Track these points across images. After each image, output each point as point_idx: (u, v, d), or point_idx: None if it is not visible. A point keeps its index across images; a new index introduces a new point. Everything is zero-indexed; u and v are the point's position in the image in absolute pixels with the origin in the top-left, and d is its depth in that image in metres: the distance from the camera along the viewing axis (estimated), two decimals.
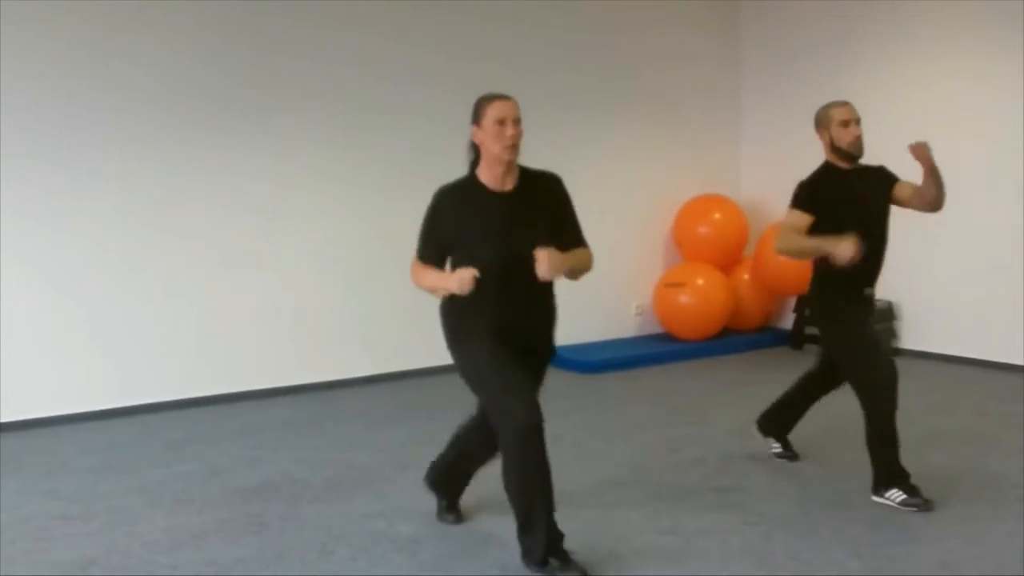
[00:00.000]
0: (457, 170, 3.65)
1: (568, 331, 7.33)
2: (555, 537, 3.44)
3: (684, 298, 7.43)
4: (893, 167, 4.47)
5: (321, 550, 3.75)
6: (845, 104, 4.27)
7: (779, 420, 4.72)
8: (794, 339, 7.58)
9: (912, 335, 7.15)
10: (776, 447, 4.73)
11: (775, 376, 6.57)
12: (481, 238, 3.45)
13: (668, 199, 7.85)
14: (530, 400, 3.40)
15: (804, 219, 4.16)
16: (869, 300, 4.31)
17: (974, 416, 5.51)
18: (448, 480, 4.00)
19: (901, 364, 4.72)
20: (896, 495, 4.06)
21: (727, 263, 7.67)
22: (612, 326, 7.73)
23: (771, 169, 8.02)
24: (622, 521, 3.96)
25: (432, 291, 3.55)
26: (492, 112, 3.43)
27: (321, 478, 4.64)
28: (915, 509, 3.99)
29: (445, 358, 7.48)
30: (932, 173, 4.26)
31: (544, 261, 3.36)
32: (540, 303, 3.62)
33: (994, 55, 6.53)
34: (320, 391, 6.45)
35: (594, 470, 4.66)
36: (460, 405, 6.01)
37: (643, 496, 4.26)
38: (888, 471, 4.12)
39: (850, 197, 4.18)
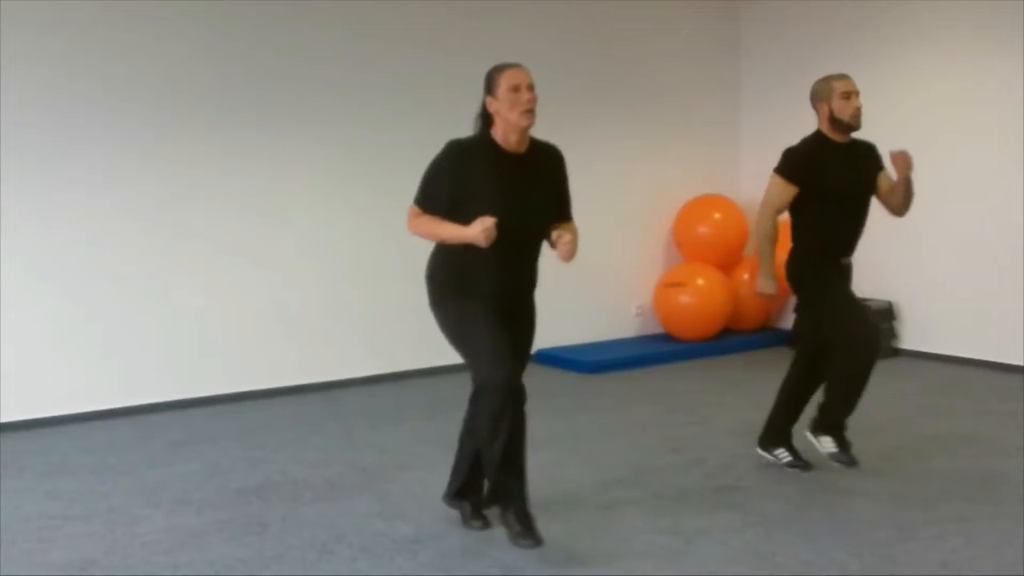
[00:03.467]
0: None
1: (568, 331, 7.45)
2: (523, 512, 3.61)
3: (684, 298, 7.43)
4: (889, 168, 4.46)
5: (321, 550, 3.75)
6: (845, 76, 4.30)
7: (776, 431, 4.62)
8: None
9: (912, 335, 7.14)
10: (785, 456, 4.58)
11: (775, 376, 6.55)
12: (495, 195, 3.43)
13: (668, 199, 7.85)
14: (513, 368, 3.49)
15: (787, 190, 4.20)
16: (846, 267, 4.35)
17: (974, 416, 5.50)
18: (469, 483, 3.89)
19: (901, 364, 4.72)
20: (829, 443, 4.41)
21: (727, 263, 7.67)
22: (612, 326, 7.72)
23: (771, 169, 8.01)
24: (622, 521, 3.96)
25: (437, 239, 3.56)
26: (506, 80, 3.47)
27: (321, 478, 4.64)
28: (800, 469, 4.40)
29: (446, 358, 7.45)
30: (906, 184, 4.28)
31: (570, 246, 3.48)
32: (531, 267, 3.68)
33: (994, 55, 6.53)
34: (320, 391, 6.45)
35: (594, 470, 4.66)
36: (461, 405, 6.02)
37: (643, 496, 4.26)
38: (825, 423, 4.40)
39: (840, 169, 4.20)
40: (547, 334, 7.38)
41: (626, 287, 7.80)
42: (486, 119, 3.55)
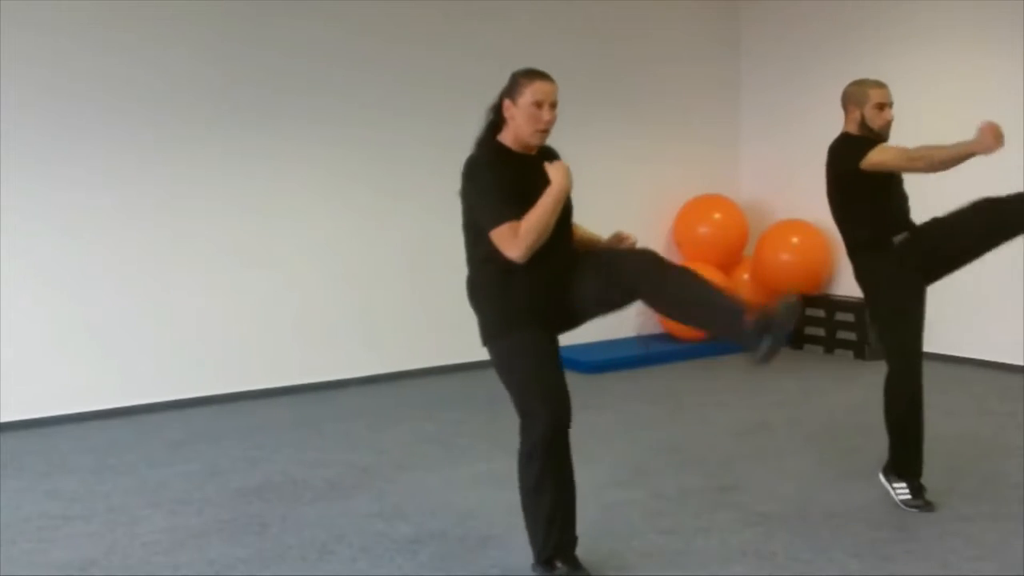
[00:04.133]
0: (455, 168, 3.60)
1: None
2: (570, 540, 3.35)
3: None
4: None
5: (321, 550, 3.75)
6: (883, 86, 4.20)
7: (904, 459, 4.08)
8: (794, 339, 7.58)
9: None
10: (904, 493, 4.05)
11: (775, 376, 6.58)
12: (526, 199, 3.17)
13: (668, 199, 7.85)
14: (565, 404, 3.24)
15: (895, 147, 3.95)
16: (902, 246, 4.08)
17: (974, 416, 5.50)
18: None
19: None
20: (902, 491, 4.01)
21: (727, 263, 7.67)
22: (612, 326, 7.71)
23: (771, 169, 8.03)
24: (622, 521, 3.96)
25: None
26: (531, 93, 3.27)
27: (321, 478, 4.64)
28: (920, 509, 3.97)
29: (446, 357, 7.47)
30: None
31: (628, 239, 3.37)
32: (569, 258, 3.35)
33: (995, 55, 6.53)
34: (320, 391, 6.45)
35: (594, 470, 4.66)
36: (460, 405, 6.03)
37: (643, 496, 4.26)
38: (904, 462, 4.02)
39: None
40: None
41: None
42: (497, 117, 3.35)
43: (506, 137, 3.34)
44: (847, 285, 7.48)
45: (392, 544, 3.79)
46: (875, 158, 3.95)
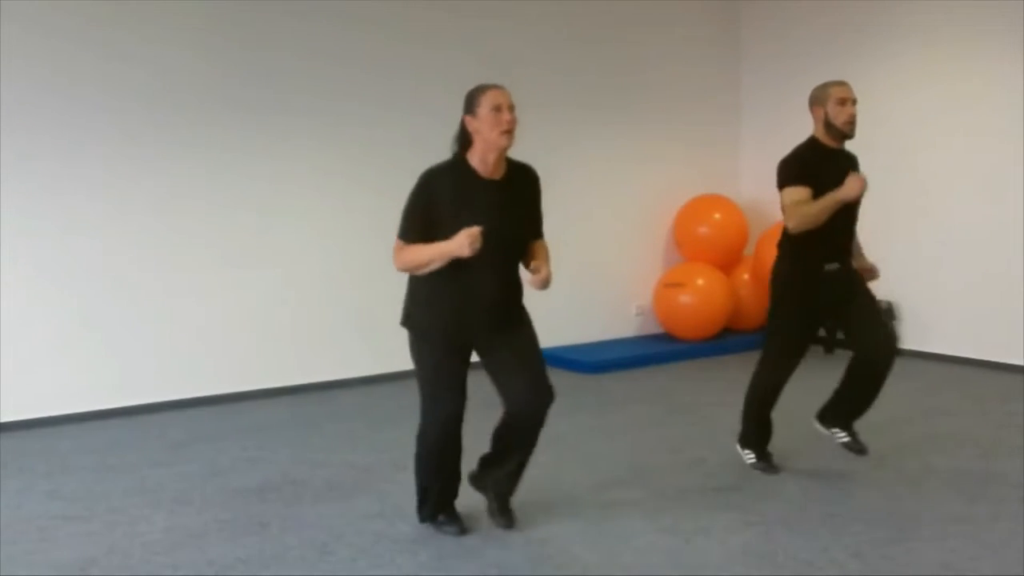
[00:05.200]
0: None
1: (568, 331, 7.46)
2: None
3: (684, 298, 7.43)
4: (890, 168, 4.46)
5: (321, 550, 3.75)
6: (843, 83, 4.30)
7: (839, 412, 4.51)
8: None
9: (912, 335, 7.14)
10: (842, 436, 4.48)
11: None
12: (470, 220, 3.43)
13: (668, 199, 7.86)
14: (459, 402, 3.70)
15: (804, 192, 4.15)
16: (829, 274, 4.27)
17: (974, 416, 5.50)
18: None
19: (901, 364, 4.72)
20: (749, 456, 4.56)
21: (727, 263, 7.67)
22: (612, 326, 7.73)
23: (771, 169, 7.93)
24: (622, 521, 3.96)
25: (427, 264, 3.50)
26: (488, 100, 3.48)
27: (321, 478, 4.64)
28: (762, 472, 4.48)
29: None
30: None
31: (543, 279, 3.58)
32: (514, 284, 3.73)
33: (994, 55, 6.54)
34: (320, 391, 6.45)
35: (594, 470, 4.66)
36: None
37: (643, 496, 4.26)
38: (747, 433, 4.57)
39: (834, 174, 4.17)
40: (547, 334, 7.40)
41: (626, 287, 7.80)
42: (464, 140, 3.57)
43: (474, 155, 3.56)
44: None
45: (392, 544, 3.79)
46: (782, 198, 4.24)
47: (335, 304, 6.59)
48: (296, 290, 6.46)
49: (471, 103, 3.53)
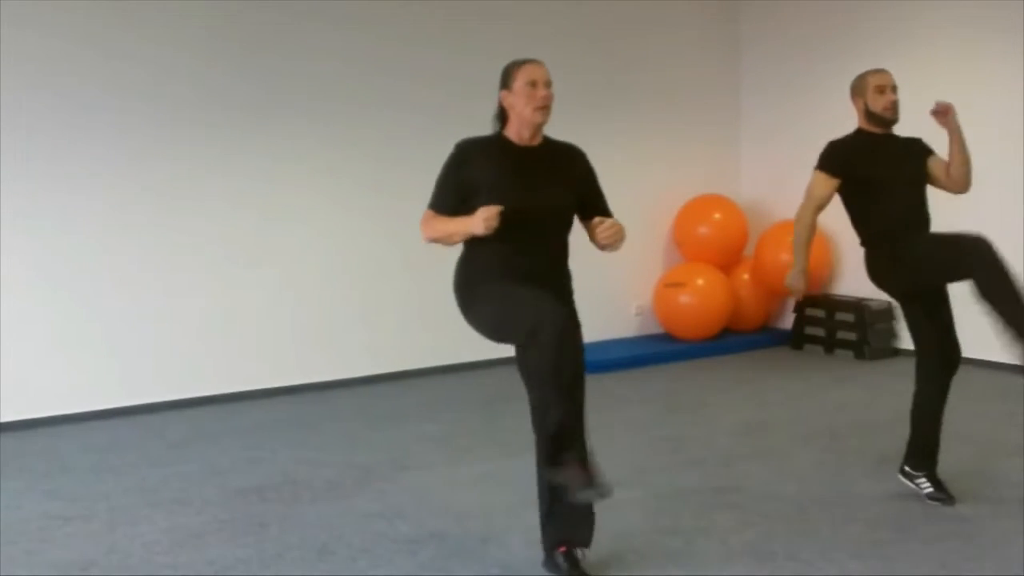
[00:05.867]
0: None
1: None
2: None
3: (684, 298, 7.43)
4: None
5: (321, 550, 3.75)
6: (882, 71, 4.33)
7: (921, 453, 4.25)
8: (794, 339, 7.58)
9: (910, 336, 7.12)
10: (927, 487, 4.16)
11: (775, 376, 6.59)
12: (502, 185, 3.32)
13: (668, 199, 7.85)
14: (560, 312, 3.18)
15: (829, 183, 4.11)
16: (911, 246, 4.19)
17: (974, 416, 5.50)
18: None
19: (901, 364, 4.72)
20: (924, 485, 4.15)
21: (727, 263, 7.67)
22: (612, 326, 7.72)
23: (771, 169, 8.02)
24: (622, 521, 3.96)
25: (449, 237, 3.35)
26: (523, 75, 3.44)
27: (321, 478, 4.64)
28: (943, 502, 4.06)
29: (445, 358, 7.45)
30: (957, 140, 4.19)
31: (612, 230, 3.39)
32: (558, 261, 3.50)
33: (995, 55, 6.53)
34: (320, 391, 6.45)
35: None
36: (460, 405, 6.03)
37: (643, 496, 4.26)
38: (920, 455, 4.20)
39: (881, 160, 4.14)
40: None
41: (626, 287, 7.80)
42: (501, 116, 3.50)
43: (511, 130, 3.48)
44: (847, 285, 7.49)
45: (392, 544, 3.79)
46: (810, 180, 4.18)
47: (335, 304, 6.59)
48: (296, 290, 6.46)
49: (507, 77, 3.47)
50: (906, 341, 7.12)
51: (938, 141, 4.40)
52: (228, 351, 6.24)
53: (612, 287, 7.71)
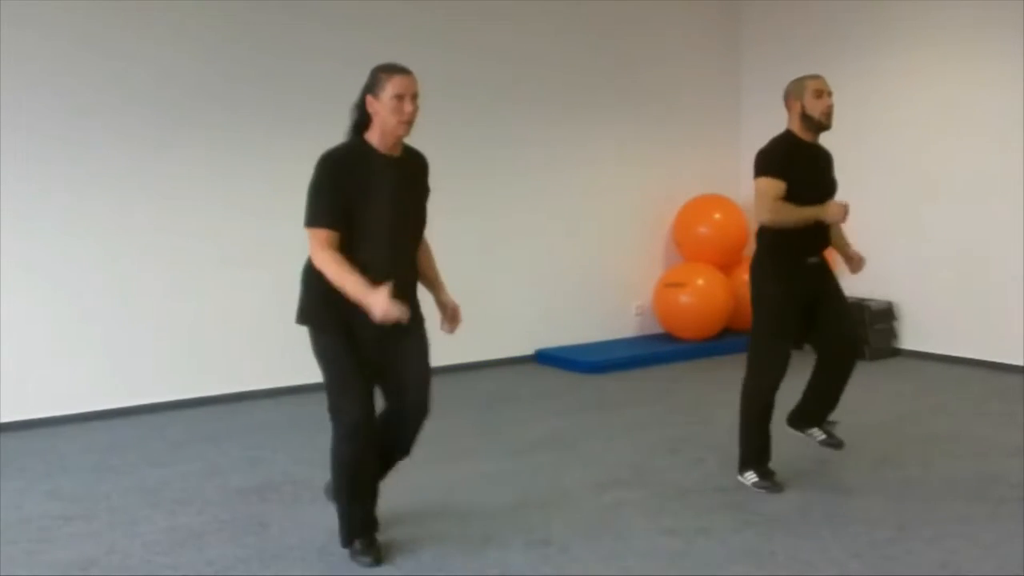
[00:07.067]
0: (454, 168, 3.63)
1: (568, 331, 7.46)
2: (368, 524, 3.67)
3: (684, 298, 7.43)
4: (890, 168, 4.46)
5: (321, 550, 3.75)
6: (818, 76, 4.33)
7: (809, 412, 4.49)
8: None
9: (912, 335, 7.14)
10: (819, 435, 4.47)
11: None
12: (378, 199, 3.41)
13: (668, 199, 7.86)
14: (367, 408, 3.52)
15: (779, 185, 4.13)
16: (812, 267, 4.29)
17: (974, 416, 5.50)
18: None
19: (901, 364, 4.72)
20: (751, 477, 4.31)
21: (727, 263, 7.67)
22: (612, 326, 7.73)
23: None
24: (622, 521, 3.96)
25: (342, 287, 3.35)
26: (392, 87, 3.45)
27: (321, 478, 4.63)
28: (766, 491, 4.24)
29: (445, 358, 7.45)
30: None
31: (457, 321, 3.63)
32: (412, 268, 3.64)
33: (995, 56, 6.53)
34: (320, 391, 6.40)
35: (594, 470, 4.66)
36: (460, 405, 6.03)
37: (643, 496, 4.26)
38: (747, 453, 4.33)
39: (808, 170, 4.20)
40: (547, 334, 7.52)
41: (626, 287, 7.80)
42: (362, 117, 3.51)
43: (373, 135, 3.51)
44: (846, 285, 7.46)
45: (392, 544, 3.79)
46: (758, 187, 4.19)
47: None
48: (296, 290, 6.44)
49: (375, 84, 3.48)
50: (907, 341, 7.16)
51: (939, 139, 4.40)
52: (228, 351, 6.24)
53: (612, 287, 7.72)
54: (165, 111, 5.98)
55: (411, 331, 3.53)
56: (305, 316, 3.59)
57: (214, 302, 6.19)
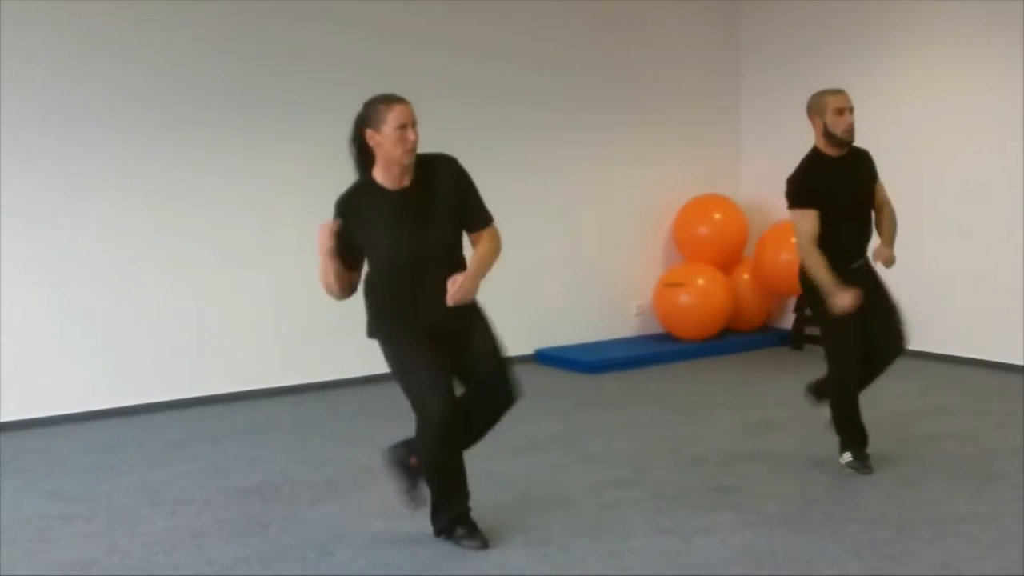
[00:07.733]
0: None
1: (568, 331, 7.46)
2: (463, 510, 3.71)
3: (684, 298, 7.43)
4: (890, 168, 4.48)
5: (321, 550, 3.75)
6: (840, 92, 4.36)
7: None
8: (794, 339, 7.58)
9: (912, 335, 7.12)
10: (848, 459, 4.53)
11: (775, 376, 6.59)
12: (387, 237, 3.51)
13: (668, 199, 7.85)
14: (449, 398, 3.51)
15: (811, 215, 4.24)
16: (858, 271, 4.43)
17: (974, 416, 5.50)
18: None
19: (901, 364, 4.72)
20: (847, 457, 4.47)
21: (727, 263, 7.67)
22: (612, 326, 7.72)
23: (771, 169, 7.95)
24: (622, 521, 3.96)
25: (325, 275, 3.83)
26: (394, 118, 3.42)
27: (321, 478, 4.64)
28: (855, 471, 4.41)
29: None
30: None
31: (456, 293, 3.46)
32: (443, 289, 3.57)
33: (995, 56, 6.53)
34: (320, 391, 6.45)
35: (594, 470, 4.66)
36: None
37: (643, 496, 4.26)
38: (846, 436, 4.48)
39: (840, 183, 4.30)
40: (547, 334, 7.52)
41: (626, 287, 7.80)
42: (365, 154, 3.54)
43: (378, 171, 3.55)
44: None
45: (392, 544, 3.79)
46: (792, 219, 4.35)
47: (335, 304, 6.56)
48: (296, 290, 6.44)
49: (375, 118, 3.44)
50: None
51: (940, 140, 4.41)
52: (228, 351, 6.24)
53: (612, 287, 7.72)
54: (165, 111, 5.98)
55: (470, 334, 3.64)
56: (369, 330, 3.79)
57: (214, 302, 6.19)
